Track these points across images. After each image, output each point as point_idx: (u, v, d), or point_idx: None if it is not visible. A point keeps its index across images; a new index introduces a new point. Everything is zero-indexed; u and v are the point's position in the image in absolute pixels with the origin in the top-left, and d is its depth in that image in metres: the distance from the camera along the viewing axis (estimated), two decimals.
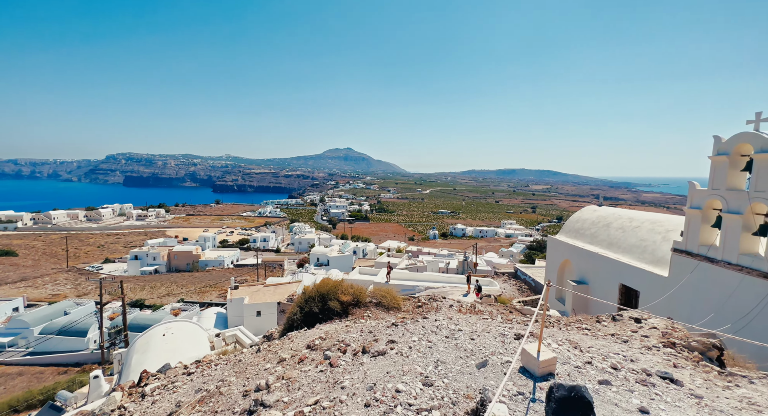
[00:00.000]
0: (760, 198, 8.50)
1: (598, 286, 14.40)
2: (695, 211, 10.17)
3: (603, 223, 15.76)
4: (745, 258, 8.79)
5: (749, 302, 8.52)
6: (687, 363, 4.55)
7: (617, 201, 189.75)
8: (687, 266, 10.30)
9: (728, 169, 9.33)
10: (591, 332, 7.05)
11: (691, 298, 10.05)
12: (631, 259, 12.94)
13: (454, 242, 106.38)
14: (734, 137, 9.12)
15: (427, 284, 27.61)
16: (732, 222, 9.15)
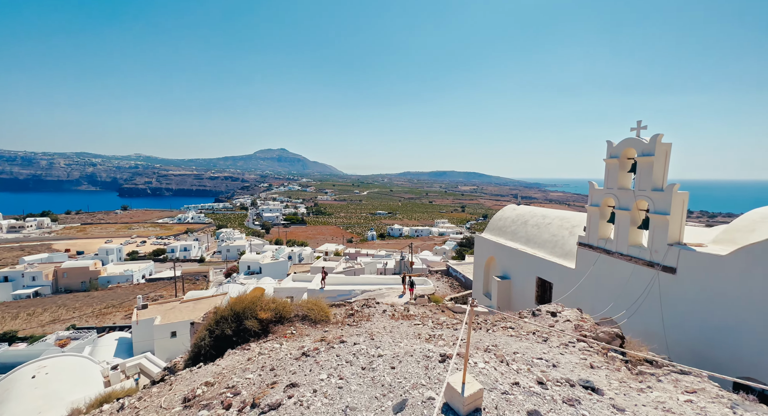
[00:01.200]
0: (642, 195, 9.74)
1: (519, 280, 15.44)
2: (594, 208, 11.37)
3: (521, 221, 17.04)
4: (634, 249, 10.02)
5: (638, 289, 9.70)
6: (600, 360, 4.70)
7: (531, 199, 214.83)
8: (590, 258, 11.45)
9: (618, 170, 10.59)
10: (515, 331, 7.17)
11: (594, 288, 11.19)
12: (545, 254, 14.09)
13: (391, 242, 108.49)
14: (622, 142, 10.39)
15: (364, 287, 27.06)
16: (622, 217, 10.38)
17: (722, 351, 7.84)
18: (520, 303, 15.18)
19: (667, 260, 9.04)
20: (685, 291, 8.60)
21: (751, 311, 7.35)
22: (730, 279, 7.72)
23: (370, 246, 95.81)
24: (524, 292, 15.00)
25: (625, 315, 9.90)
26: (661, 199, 9.26)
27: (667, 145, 9.31)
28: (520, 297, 15.31)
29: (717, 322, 7.95)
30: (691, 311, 8.49)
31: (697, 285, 8.36)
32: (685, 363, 8.49)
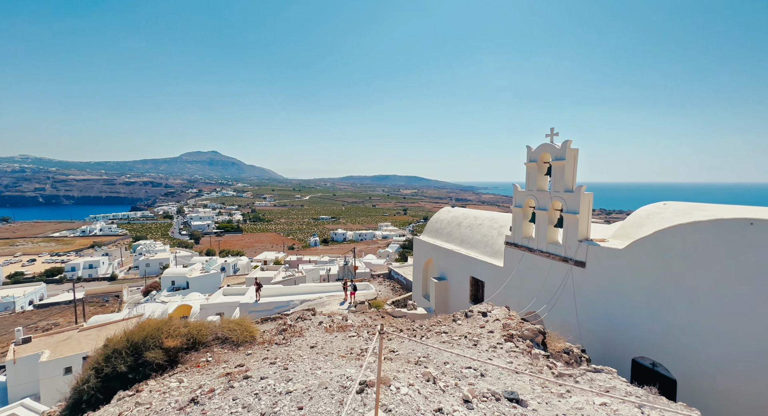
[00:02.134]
0: (557, 196, 10.63)
1: (455, 280, 15.92)
2: (518, 209, 12.15)
3: (456, 223, 17.69)
4: (551, 246, 10.87)
5: (556, 283, 10.52)
6: (525, 362, 4.75)
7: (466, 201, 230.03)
8: (515, 256, 12.19)
9: (537, 173, 11.46)
10: (448, 335, 7.10)
11: (520, 284, 11.91)
12: (478, 253, 14.74)
13: (335, 247, 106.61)
14: (539, 147, 11.27)
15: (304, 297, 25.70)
16: (541, 217, 11.23)
17: (623, 334, 8.79)
18: (456, 302, 15.64)
19: (578, 255, 9.94)
20: (593, 282, 9.52)
21: (643, 297, 8.36)
22: (627, 269, 8.71)
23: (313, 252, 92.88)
24: (460, 292, 15.50)
25: (546, 309, 10.66)
26: (571, 199, 10.18)
27: (575, 150, 10.29)
28: (456, 296, 15.79)
29: (618, 309, 8.91)
30: (597, 300, 9.41)
31: (602, 276, 9.30)
32: (594, 349, 9.36)
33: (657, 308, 8.07)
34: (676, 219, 8.30)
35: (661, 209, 9.97)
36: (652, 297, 8.16)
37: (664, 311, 7.94)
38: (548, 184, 11.36)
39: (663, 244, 8.00)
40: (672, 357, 7.80)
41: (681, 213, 9.02)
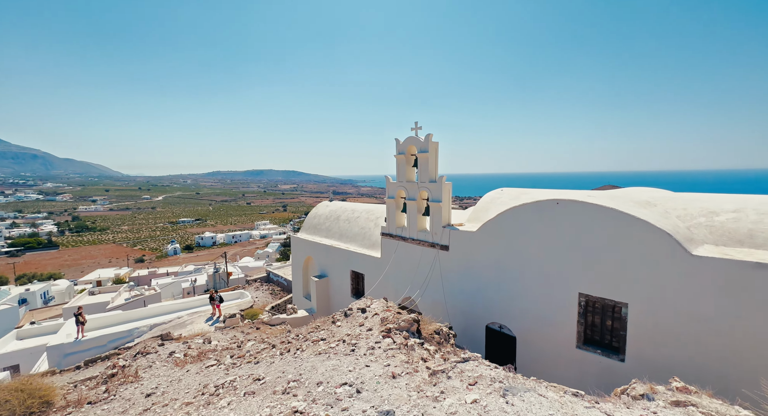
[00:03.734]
0: (423, 187, 11.38)
1: (336, 276, 15.52)
2: (391, 200, 12.54)
3: (334, 217, 17.26)
4: (421, 233, 11.62)
5: (427, 268, 11.33)
6: (402, 361, 4.58)
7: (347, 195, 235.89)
8: (391, 246, 12.60)
9: (406, 165, 12.01)
10: (326, 342, 6.49)
11: (397, 273, 12.39)
12: (357, 246, 14.70)
13: (203, 254, 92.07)
14: (406, 140, 11.80)
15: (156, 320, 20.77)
16: (411, 207, 11.86)
17: (479, 306, 10.12)
18: (338, 299, 15.30)
19: (443, 240, 10.90)
20: (455, 263, 10.62)
21: (493, 271, 9.76)
22: (480, 249, 10.01)
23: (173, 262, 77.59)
24: (342, 287, 15.22)
25: (420, 293, 11.40)
26: (435, 189, 11.04)
27: (436, 143, 11.17)
28: (338, 293, 15.45)
29: (475, 284, 10.19)
30: (459, 279, 10.55)
31: (462, 257, 10.45)
32: (458, 322, 10.47)
33: (502, 279, 9.54)
34: (510, 203, 9.93)
35: (499, 195, 11.90)
36: (499, 270, 9.60)
37: (507, 281, 9.44)
38: (416, 175, 12.08)
39: (503, 224, 9.45)
40: (512, 318, 9.39)
41: (513, 198, 10.92)
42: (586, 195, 9.51)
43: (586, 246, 7.98)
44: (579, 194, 9.60)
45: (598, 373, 7.90)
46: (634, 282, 7.34)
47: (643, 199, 9.02)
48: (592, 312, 8.14)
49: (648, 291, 7.19)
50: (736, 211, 7.59)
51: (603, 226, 7.72)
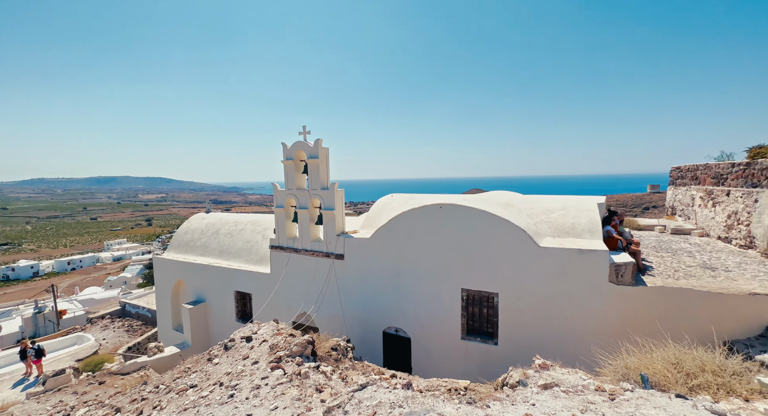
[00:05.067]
0: (315, 194, 10.82)
1: (216, 300, 13.33)
2: (280, 210, 11.51)
3: (212, 231, 14.88)
4: (315, 243, 11.00)
5: (322, 279, 10.75)
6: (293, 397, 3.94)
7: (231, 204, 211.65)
8: (282, 260, 11.53)
9: (295, 171, 11.21)
10: (196, 390, 5.23)
11: (290, 288, 11.39)
12: (241, 263, 12.96)
13: (17, 290, 67.50)
14: (294, 145, 11.03)
15: None
16: (303, 216, 11.13)
17: (376, 312, 10.14)
18: (220, 326, 13.16)
19: (337, 249, 10.55)
20: (351, 272, 10.40)
21: (387, 276, 9.92)
22: (374, 255, 10.05)
23: None
24: (224, 312, 13.14)
25: (316, 308, 10.73)
26: (327, 196, 10.63)
27: (326, 148, 10.78)
28: (220, 319, 13.29)
29: (371, 291, 10.17)
30: (356, 288, 10.37)
31: (357, 265, 10.31)
32: (356, 332, 10.26)
33: (397, 283, 9.78)
34: (400, 208, 10.33)
35: (390, 200, 12.32)
36: (393, 275, 9.82)
37: (401, 284, 9.72)
38: (307, 182, 11.41)
39: (395, 229, 9.72)
40: (406, 320, 9.72)
41: (402, 203, 11.44)
42: (462, 198, 10.67)
43: (465, 245, 8.87)
44: (457, 198, 10.69)
45: (479, 359, 8.83)
46: (502, 273, 8.50)
47: (504, 201, 10.66)
48: (472, 304, 9.09)
49: (512, 280, 8.42)
50: (564, 209, 9.68)
51: (477, 226, 8.72)
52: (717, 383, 3.56)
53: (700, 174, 12.82)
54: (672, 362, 3.93)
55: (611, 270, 7.54)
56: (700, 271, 8.06)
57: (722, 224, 10.92)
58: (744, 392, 3.37)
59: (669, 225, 13.05)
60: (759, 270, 7.96)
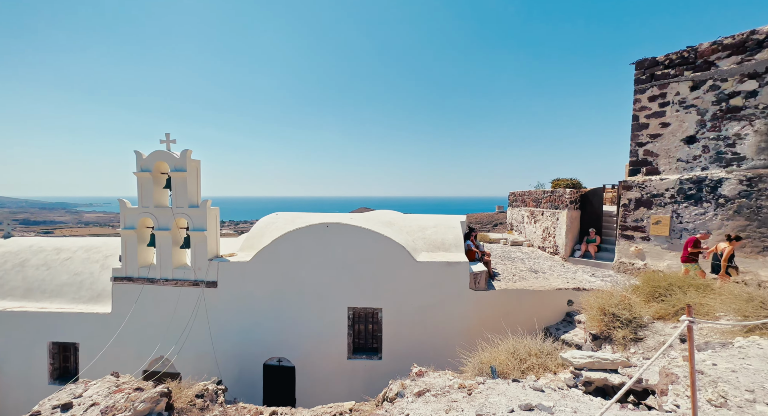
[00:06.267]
0: (181, 213, 9.27)
1: (16, 360, 9.56)
2: (130, 232, 9.33)
3: (14, 263, 10.80)
4: (179, 271, 9.29)
5: (188, 313, 9.09)
6: None
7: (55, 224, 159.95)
8: (131, 294, 9.26)
9: (153, 186, 9.36)
10: None
11: (141, 329, 9.18)
12: (64, 304, 9.79)
13: None
14: (152, 154, 9.26)
15: None
16: (163, 238, 9.32)
17: (255, 344, 9.15)
18: (21, 395, 9.44)
19: (209, 275, 9.18)
20: (226, 300, 9.17)
21: (270, 302, 9.15)
22: (255, 279, 9.17)
23: None
24: (30, 374, 9.52)
25: (178, 349, 8.93)
26: (198, 215, 9.24)
27: (196, 161, 9.46)
28: (20, 385, 9.54)
29: (250, 320, 9.17)
30: (231, 319, 9.17)
31: (234, 292, 9.18)
32: (230, 371, 9.03)
33: (281, 308, 9.11)
34: (286, 227, 9.84)
35: (274, 219, 11.61)
36: (277, 299, 9.12)
37: (285, 309, 9.10)
38: (170, 198, 9.67)
39: (280, 250, 9.15)
40: (291, 347, 9.11)
41: (288, 222, 10.93)
42: (349, 217, 10.94)
43: (351, 263, 9.04)
44: (344, 217, 10.89)
45: (365, 376, 8.94)
46: (384, 288, 8.98)
47: (387, 220, 11.45)
48: (358, 321, 9.23)
49: (393, 294, 8.98)
50: (435, 226, 11.04)
51: (362, 244, 9.03)
52: (538, 363, 4.57)
53: (526, 198, 16.75)
54: (511, 352, 4.86)
55: (471, 279, 8.91)
56: (529, 274, 10.36)
57: (540, 236, 14.44)
58: (553, 367, 4.44)
59: (509, 238, 16.45)
60: (562, 271, 10.79)
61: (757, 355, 3.26)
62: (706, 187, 8.82)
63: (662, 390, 3.15)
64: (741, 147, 8.43)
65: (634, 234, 10.18)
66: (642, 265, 9.95)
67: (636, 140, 10.27)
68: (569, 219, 12.33)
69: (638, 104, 10.16)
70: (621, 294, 6.47)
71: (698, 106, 9.08)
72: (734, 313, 4.41)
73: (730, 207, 8.44)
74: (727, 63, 8.57)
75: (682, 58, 9.31)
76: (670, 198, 9.45)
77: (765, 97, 8.06)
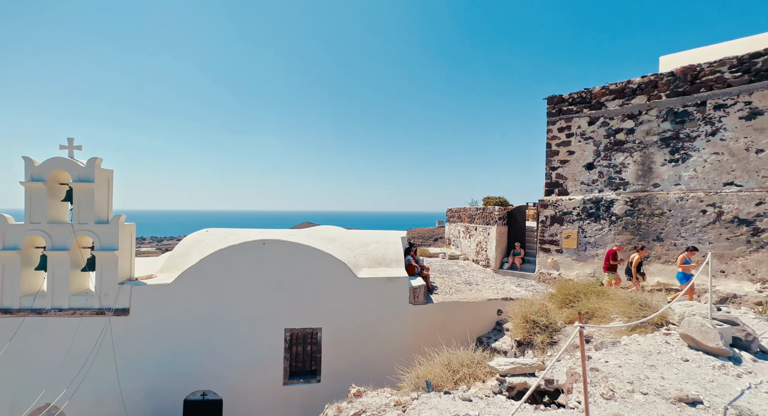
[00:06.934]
0: (85, 230, 7.99)
1: None
2: (10, 253, 7.71)
3: None
4: (79, 298, 7.91)
5: (87, 347, 7.71)
6: None
7: None
8: (6, 330, 7.58)
9: (48, 198, 7.94)
10: None
11: (18, 373, 7.51)
12: None
13: None
14: (49, 161, 7.87)
15: None
16: (59, 260, 7.88)
17: (175, 379, 8.09)
18: None
19: (119, 302, 7.97)
20: (139, 330, 8.02)
21: (196, 329, 8.24)
22: (178, 304, 8.20)
23: None
24: None
25: (71, 391, 7.47)
26: (107, 232, 8.05)
27: (108, 171, 8.32)
28: None
29: (170, 352, 8.12)
30: (145, 350, 8.02)
31: (151, 320, 8.09)
32: (143, 409, 7.87)
33: (209, 334, 8.25)
34: (217, 245, 9.08)
35: (204, 236, 10.64)
36: (204, 325, 8.25)
37: (214, 335, 8.27)
38: (70, 213, 8.29)
39: (209, 270, 8.38)
40: (218, 378, 8.26)
41: (220, 239, 10.10)
42: (288, 233, 10.52)
43: (290, 282, 8.64)
44: (282, 233, 10.44)
45: (302, 401, 8.46)
46: (325, 307, 8.73)
47: (328, 236, 11.27)
48: (296, 343, 8.77)
49: (334, 312, 8.76)
50: (377, 242, 11.17)
51: (302, 262, 8.72)
52: (470, 373, 4.83)
53: (461, 214, 17.93)
54: (445, 364, 5.05)
55: (410, 293, 9.13)
56: (464, 286, 10.99)
57: (474, 250, 15.50)
58: (482, 375, 4.73)
59: (447, 252, 17.33)
60: (493, 282, 11.65)
61: (636, 351, 3.91)
62: (602, 206, 10.42)
63: (568, 389, 3.55)
64: (625, 173, 10.20)
65: (551, 248, 11.51)
66: (557, 275, 11.24)
67: (549, 164, 11.77)
68: (498, 234, 13.48)
69: (550, 133, 11.73)
70: (539, 303, 7.20)
71: (594, 138, 10.80)
72: (622, 315, 5.23)
73: (619, 223, 10.07)
74: (613, 104, 10.42)
75: (581, 98, 11.07)
76: (577, 215, 10.94)
77: (639, 134, 9.94)
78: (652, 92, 9.70)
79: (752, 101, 8.23)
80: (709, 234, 8.63)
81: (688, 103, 9.14)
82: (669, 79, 9.43)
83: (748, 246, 8.10)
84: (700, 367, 3.55)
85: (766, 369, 3.52)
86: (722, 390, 3.07)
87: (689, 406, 2.84)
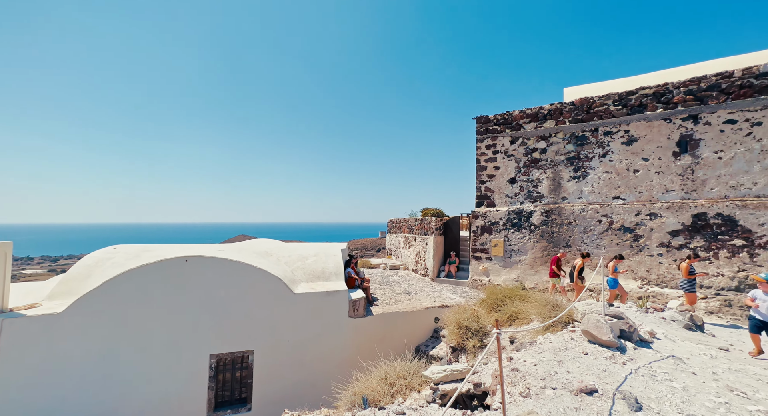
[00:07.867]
0: None
1: None
2: None
3: None
4: None
5: None
6: None
7: None
8: None
9: None
10: None
11: None
12: None
13: None
14: None
15: None
16: None
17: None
18: None
19: None
20: (11, 373, 6.54)
21: (94, 363, 6.99)
22: (71, 336, 6.90)
23: None
24: None
25: None
26: None
27: None
28: None
29: (58, 395, 6.75)
30: (18, 397, 6.55)
31: (32, 357, 6.66)
32: None
33: (110, 371, 7.06)
34: (127, 264, 7.93)
35: (111, 254, 9.23)
36: (109, 361, 7.05)
37: (118, 371, 7.10)
38: None
39: (115, 294, 7.24)
40: None
41: (131, 257, 8.85)
42: (216, 249, 9.66)
43: (217, 302, 7.88)
44: (209, 248, 9.56)
45: None
46: (258, 327, 8.12)
47: (263, 250, 10.61)
48: (224, 370, 7.98)
49: (268, 333, 8.20)
50: (316, 255, 10.85)
51: (232, 280, 8.04)
52: (406, 384, 4.87)
53: (402, 225, 18.42)
54: (382, 377, 5.03)
55: (350, 306, 8.99)
56: (404, 296, 11.19)
57: (414, 260, 15.97)
58: (418, 386, 4.82)
59: (388, 263, 17.56)
60: (431, 291, 12.08)
61: (549, 349, 4.37)
62: (524, 217, 11.60)
63: (493, 391, 3.79)
64: (541, 188, 11.54)
65: (481, 255, 12.39)
66: (487, 281, 12.11)
67: (479, 178, 12.79)
68: (436, 243, 14.10)
69: (479, 150, 12.80)
70: (471, 309, 7.65)
71: (516, 156, 12.07)
72: (539, 316, 5.82)
73: (537, 232, 11.29)
74: (529, 126, 11.81)
75: (504, 119, 12.33)
76: (503, 225, 12.00)
77: (551, 153, 11.40)
78: (559, 118, 11.23)
79: (630, 130, 10.03)
80: (604, 241, 10.14)
81: (585, 128, 10.77)
82: (571, 108, 11.03)
83: (631, 250, 9.70)
84: (596, 359, 4.09)
85: (643, 355, 4.20)
86: (612, 378, 3.57)
87: (587, 395, 3.23)
